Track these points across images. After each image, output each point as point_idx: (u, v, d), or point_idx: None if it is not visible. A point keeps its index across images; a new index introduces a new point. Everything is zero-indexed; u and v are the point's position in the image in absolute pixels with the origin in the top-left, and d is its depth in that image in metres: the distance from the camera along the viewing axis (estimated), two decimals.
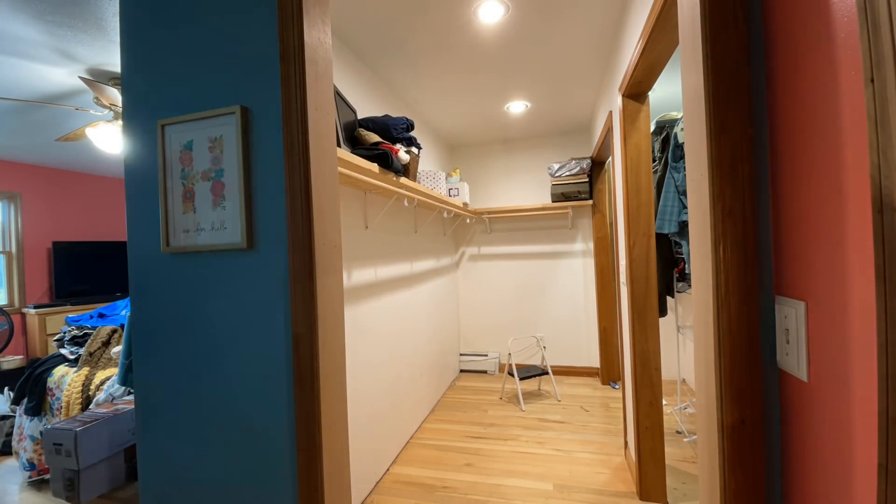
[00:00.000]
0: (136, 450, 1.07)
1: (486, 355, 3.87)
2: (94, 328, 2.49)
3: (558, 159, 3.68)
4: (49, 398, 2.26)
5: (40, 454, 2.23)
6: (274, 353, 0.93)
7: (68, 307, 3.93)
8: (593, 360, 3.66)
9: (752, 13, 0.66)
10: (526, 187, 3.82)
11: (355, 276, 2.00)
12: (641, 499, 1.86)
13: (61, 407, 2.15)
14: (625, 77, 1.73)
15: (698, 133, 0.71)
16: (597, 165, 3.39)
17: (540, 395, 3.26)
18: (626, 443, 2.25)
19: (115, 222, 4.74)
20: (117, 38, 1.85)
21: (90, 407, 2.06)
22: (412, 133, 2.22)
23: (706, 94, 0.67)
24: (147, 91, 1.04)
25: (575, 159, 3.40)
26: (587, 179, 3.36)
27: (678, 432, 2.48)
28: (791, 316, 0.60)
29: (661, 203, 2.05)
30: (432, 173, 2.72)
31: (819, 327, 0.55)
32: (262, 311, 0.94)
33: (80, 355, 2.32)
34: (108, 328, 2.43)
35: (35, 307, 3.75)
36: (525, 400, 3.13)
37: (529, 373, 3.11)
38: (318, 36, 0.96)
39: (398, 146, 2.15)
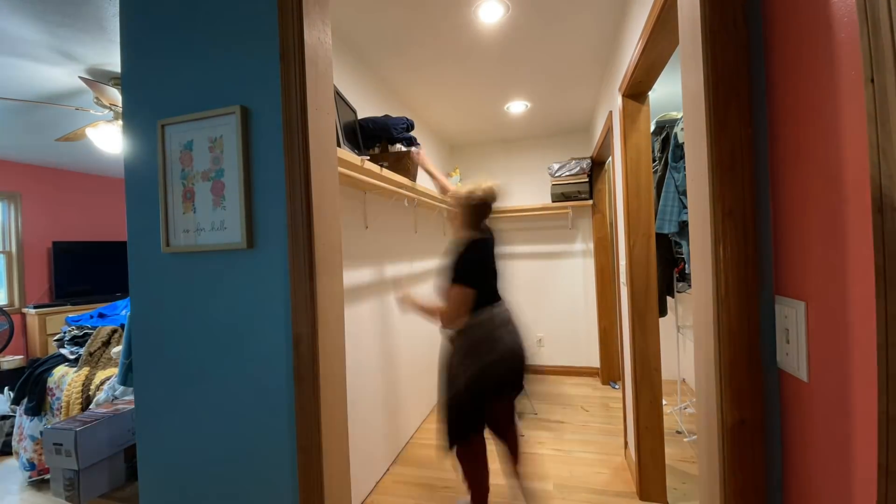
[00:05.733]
0: (136, 450, 1.07)
1: None
2: (94, 328, 2.49)
3: (558, 159, 3.67)
4: (49, 398, 2.26)
5: (40, 454, 2.23)
6: (274, 353, 0.93)
7: (68, 307, 3.93)
8: (593, 360, 3.66)
9: (751, 13, 0.66)
10: (526, 187, 3.82)
11: (355, 276, 2.00)
12: (641, 499, 1.86)
13: (61, 407, 2.15)
14: (625, 77, 1.73)
15: (698, 133, 0.71)
16: (597, 165, 3.39)
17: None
18: (626, 443, 2.25)
19: (115, 222, 4.74)
20: (117, 38, 1.85)
21: (90, 407, 2.06)
22: (412, 133, 2.22)
23: (706, 94, 0.67)
24: (147, 91, 1.04)
25: (575, 159, 3.39)
26: (587, 179, 3.36)
27: (678, 432, 2.48)
28: (791, 316, 0.60)
29: (661, 203, 2.05)
30: None
31: (819, 327, 0.55)
32: (262, 311, 0.94)
33: (80, 355, 2.32)
34: (108, 328, 2.43)
35: (35, 307, 3.75)
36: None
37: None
38: (318, 36, 0.96)
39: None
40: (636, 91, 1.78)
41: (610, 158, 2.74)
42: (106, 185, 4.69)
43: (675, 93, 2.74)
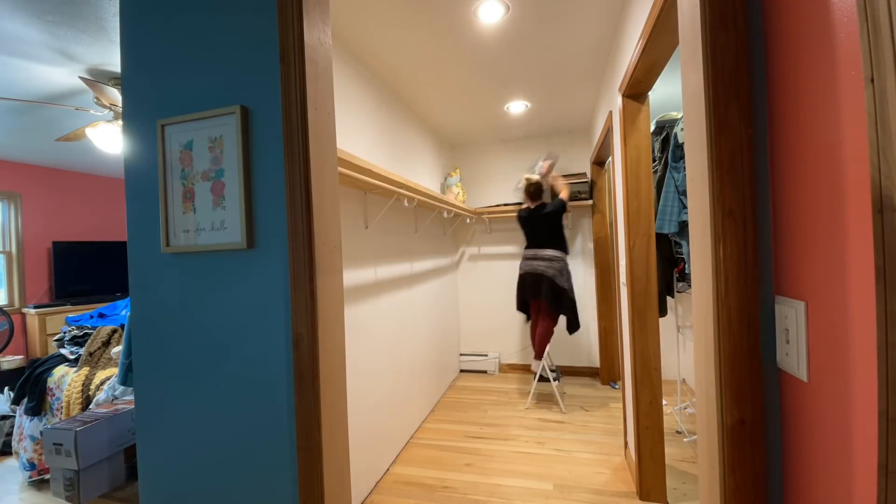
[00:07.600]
0: (136, 450, 1.07)
1: (486, 355, 3.87)
2: (94, 328, 2.49)
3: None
4: (49, 398, 2.26)
5: (40, 454, 2.23)
6: (274, 353, 0.93)
7: (68, 307, 3.93)
8: (593, 360, 3.66)
9: (751, 13, 0.66)
10: None
11: (355, 276, 2.00)
12: (641, 499, 1.86)
13: (61, 407, 2.15)
14: (625, 77, 1.73)
15: (698, 133, 0.71)
16: (597, 165, 3.39)
17: (544, 397, 3.26)
18: (626, 443, 2.25)
19: (115, 222, 4.74)
20: (117, 38, 1.85)
21: (90, 407, 2.06)
22: None
23: (706, 94, 0.67)
24: (147, 91, 1.04)
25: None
26: (587, 179, 3.36)
27: (678, 432, 2.48)
28: (791, 316, 0.60)
29: (661, 203, 2.05)
30: None
31: (819, 327, 0.55)
32: (262, 311, 0.94)
33: (80, 355, 2.32)
34: (108, 328, 2.43)
35: (35, 307, 3.75)
36: (527, 399, 3.13)
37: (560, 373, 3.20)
38: (318, 36, 0.96)
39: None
40: (636, 91, 1.78)
41: (610, 158, 2.74)
42: (106, 185, 4.69)
43: (675, 93, 2.74)
